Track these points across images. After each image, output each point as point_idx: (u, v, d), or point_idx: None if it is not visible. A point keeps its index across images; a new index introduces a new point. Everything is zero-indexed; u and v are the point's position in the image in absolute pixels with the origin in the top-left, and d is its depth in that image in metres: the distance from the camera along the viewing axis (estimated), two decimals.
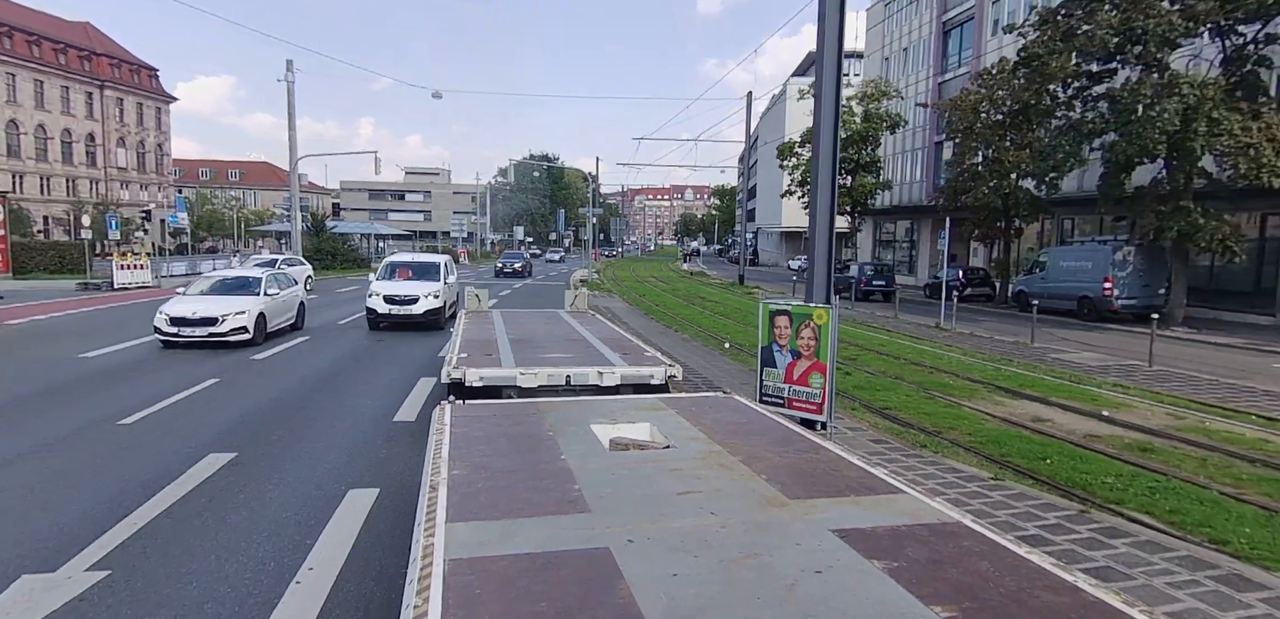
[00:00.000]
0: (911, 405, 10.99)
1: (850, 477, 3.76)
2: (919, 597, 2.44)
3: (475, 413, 5.10)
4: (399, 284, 19.19)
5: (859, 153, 45.50)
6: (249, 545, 5.62)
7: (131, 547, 5.56)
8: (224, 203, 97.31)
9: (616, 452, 4.36)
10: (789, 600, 2.44)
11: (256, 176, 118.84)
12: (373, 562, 5.38)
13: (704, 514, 3.20)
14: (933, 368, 14.52)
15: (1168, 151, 20.39)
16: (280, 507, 6.46)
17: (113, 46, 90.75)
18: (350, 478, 7.30)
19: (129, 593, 4.83)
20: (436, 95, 48.35)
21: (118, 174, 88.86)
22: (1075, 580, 2.59)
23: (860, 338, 19.22)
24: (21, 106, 77.06)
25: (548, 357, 8.05)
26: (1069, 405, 11.17)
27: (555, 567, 2.65)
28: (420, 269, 20.34)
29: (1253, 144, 18.42)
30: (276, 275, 18.33)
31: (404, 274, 20.05)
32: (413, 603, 2.36)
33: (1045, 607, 2.40)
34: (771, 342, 8.80)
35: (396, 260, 21.67)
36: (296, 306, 18.84)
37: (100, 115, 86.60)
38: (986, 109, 29.26)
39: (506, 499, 3.36)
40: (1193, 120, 19.22)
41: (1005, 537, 2.98)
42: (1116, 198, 23.05)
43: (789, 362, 8.65)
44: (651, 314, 25.32)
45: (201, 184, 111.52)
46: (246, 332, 15.48)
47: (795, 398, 8.62)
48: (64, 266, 40.16)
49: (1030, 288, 27.56)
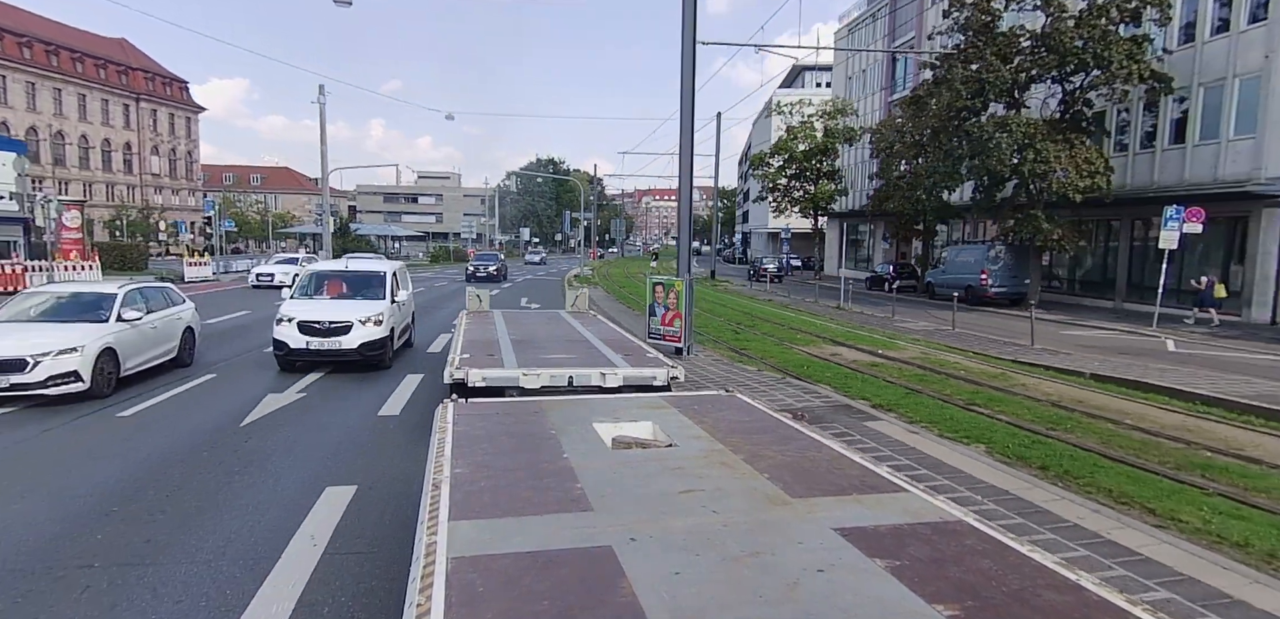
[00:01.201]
0: (758, 346, 17.36)
1: (852, 475, 3.77)
2: (922, 595, 2.46)
3: (477, 411, 5.11)
4: (324, 304, 13.68)
5: (820, 163, 51.68)
6: None
7: None
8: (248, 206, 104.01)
9: (619, 450, 4.37)
10: (791, 599, 2.44)
11: (277, 181, 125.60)
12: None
13: (706, 513, 3.21)
14: (797, 328, 20.89)
15: (1013, 172, 26.63)
16: None
17: (147, 61, 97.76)
18: None
19: None
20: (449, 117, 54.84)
21: (152, 180, 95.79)
22: (1078, 579, 2.60)
23: (770, 314, 25.52)
24: (67, 118, 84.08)
25: (550, 357, 8.01)
26: (860, 348, 17.50)
27: (557, 565, 2.65)
28: (357, 282, 14.63)
29: (1056, 170, 24.68)
30: (144, 291, 13.10)
31: (334, 288, 14.48)
32: (415, 601, 2.38)
33: (1048, 605, 2.40)
34: (654, 301, 15.22)
35: (323, 269, 15.56)
36: (179, 335, 13.38)
37: (136, 125, 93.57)
38: (903, 133, 35.52)
39: (509, 498, 3.36)
40: (1026, 149, 25.47)
41: (1008, 536, 3.03)
42: (986, 208, 29.33)
43: (663, 312, 15.07)
44: (620, 297, 31.61)
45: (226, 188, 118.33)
46: (77, 380, 10.32)
47: (667, 333, 15.03)
48: (127, 265, 46.76)
49: (935, 279, 34.11)
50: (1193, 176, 26.22)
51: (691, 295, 15.08)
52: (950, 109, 27.84)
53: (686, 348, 14.99)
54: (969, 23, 27.71)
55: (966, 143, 27.16)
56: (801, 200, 52.84)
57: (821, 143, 50.96)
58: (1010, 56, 27.12)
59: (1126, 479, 7.67)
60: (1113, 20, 25.00)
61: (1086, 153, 25.22)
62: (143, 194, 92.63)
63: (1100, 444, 9.14)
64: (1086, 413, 11.01)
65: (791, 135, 51.74)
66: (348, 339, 12.81)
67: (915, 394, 12.07)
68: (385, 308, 13.66)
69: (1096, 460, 8.32)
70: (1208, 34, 25.88)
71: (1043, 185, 25.53)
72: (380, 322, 13.28)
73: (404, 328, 15.39)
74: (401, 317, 15.00)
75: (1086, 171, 24.78)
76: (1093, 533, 6.09)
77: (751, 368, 14.61)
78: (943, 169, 29.01)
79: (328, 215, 50.91)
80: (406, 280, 16.45)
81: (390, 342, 13.68)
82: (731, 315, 24.77)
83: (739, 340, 18.44)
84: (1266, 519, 6.59)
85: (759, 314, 25.31)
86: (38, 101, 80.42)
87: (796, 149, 51.28)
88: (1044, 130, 25.69)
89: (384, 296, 14.09)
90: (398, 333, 14.58)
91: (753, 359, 15.69)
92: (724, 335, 19.39)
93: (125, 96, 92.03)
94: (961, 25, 28.09)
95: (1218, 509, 6.79)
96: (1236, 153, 24.59)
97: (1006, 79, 26.01)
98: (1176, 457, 8.71)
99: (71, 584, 5.14)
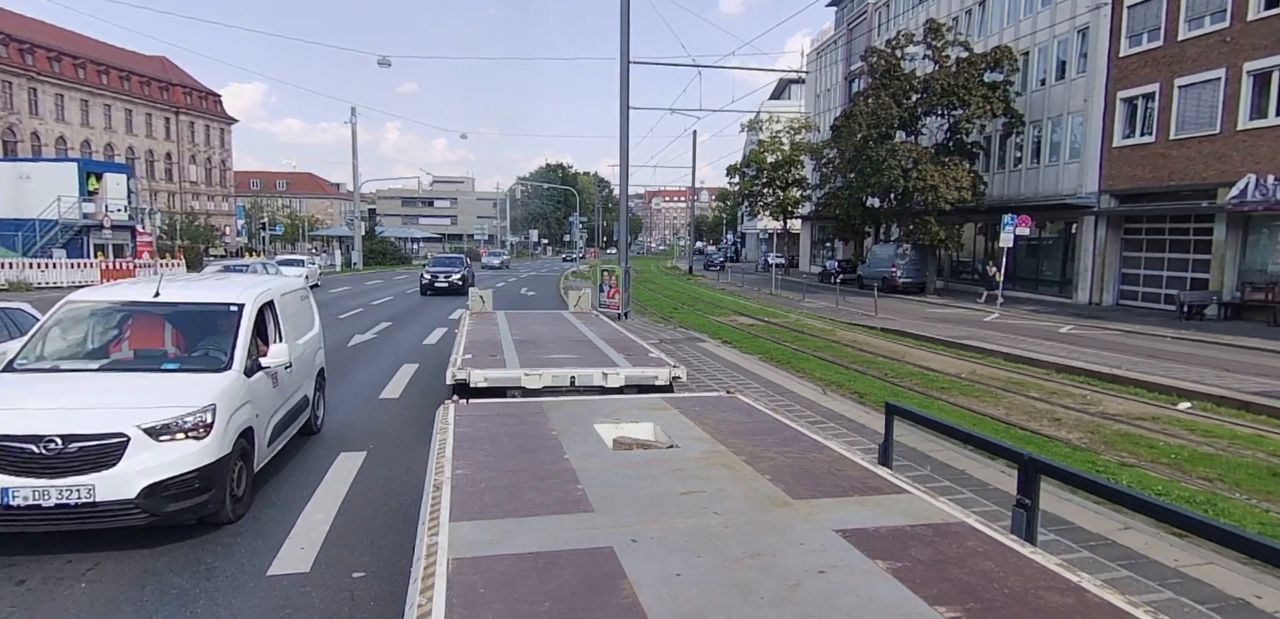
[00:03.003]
0: (682, 315, 24.89)
1: (854, 477, 3.79)
2: (923, 597, 2.47)
3: (479, 412, 5.12)
4: (66, 387, 5.96)
5: (788, 172, 59.01)
6: None
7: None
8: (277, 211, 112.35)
9: (620, 451, 4.40)
10: (792, 600, 2.45)
11: (300, 186, 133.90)
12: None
13: (707, 514, 3.22)
14: (722, 306, 28.40)
15: (903, 188, 33.98)
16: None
17: (185, 77, 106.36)
18: None
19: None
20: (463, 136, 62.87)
21: (190, 188, 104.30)
22: (1080, 581, 2.61)
23: (710, 297, 32.97)
24: (115, 132, 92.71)
25: (552, 357, 8.04)
26: (755, 317, 24.94)
27: (558, 566, 2.67)
28: (183, 323, 6.93)
29: (935, 185, 32.03)
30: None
31: (130, 343, 6.81)
32: (416, 602, 2.40)
33: (1049, 607, 2.42)
34: (603, 282, 22.82)
35: (80, 309, 6.89)
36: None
37: (175, 137, 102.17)
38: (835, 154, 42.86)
39: (510, 498, 3.37)
40: (910, 171, 32.84)
41: (1009, 537, 3.07)
42: (892, 215, 36.78)
43: (608, 290, 22.67)
44: None
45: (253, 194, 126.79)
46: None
47: (610, 304, 22.58)
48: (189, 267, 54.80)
49: (863, 272, 41.58)
50: (1041, 191, 33.50)
51: (629, 279, 22.64)
52: (859, 137, 35.28)
53: (624, 313, 22.51)
54: (875, 67, 35.16)
55: (869, 165, 34.60)
56: (772, 205, 60.24)
57: (788, 155, 58.31)
58: (907, 95, 34.50)
59: (833, 369, 15.05)
60: (978, 69, 32.37)
61: (956, 172, 32.55)
62: (181, 200, 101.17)
63: (834, 357, 16.60)
64: (848, 345, 18.49)
65: (762, 148, 59.16)
66: (104, 479, 5.21)
67: (752, 337, 19.59)
68: (227, 387, 6.09)
69: (828, 366, 15.60)
70: (1053, 80, 33.21)
71: (924, 198, 32.90)
72: (199, 429, 5.61)
73: (293, 410, 7.78)
74: (280, 393, 7.34)
75: (955, 187, 32.12)
76: (808, 400, 13.57)
77: (666, 325, 22.16)
78: (856, 184, 36.51)
79: (358, 220, 59.03)
80: (308, 311, 9.21)
81: (226, 473, 5.83)
82: (680, 298, 32.34)
83: (672, 312, 25.98)
84: (911, 394, 14.07)
85: (701, 297, 32.87)
86: (91, 117, 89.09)
87: (766, 160, 58.68)
88: (930, 154, 33.08)
89: (227, 360, 6.41)
90: (271, 429, 6.97)
91: (671, 321, 23.20)
92: (664, 309, 26.97)
93: (166, 111, 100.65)
94: (872, 68, 35.52)
95: (883, 384, 14.26)
96: (1069, 172, 31.85)
97: (896, 114, 33.44)
98: (878, 365, 16.13)
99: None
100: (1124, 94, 28.77)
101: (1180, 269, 27.37)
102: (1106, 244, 30.04)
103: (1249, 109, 24.06)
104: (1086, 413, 11.28)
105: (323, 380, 9.28)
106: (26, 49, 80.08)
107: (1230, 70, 24.49)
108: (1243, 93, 24.13)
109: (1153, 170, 27.57)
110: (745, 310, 27.36)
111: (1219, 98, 24.90)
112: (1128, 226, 29.80)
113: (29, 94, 78.80)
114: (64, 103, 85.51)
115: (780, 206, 59.72)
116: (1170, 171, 26.79)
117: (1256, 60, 23.70)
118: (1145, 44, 27.93)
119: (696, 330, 20.91)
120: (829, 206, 44.55)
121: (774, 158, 58.44)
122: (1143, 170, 28.05)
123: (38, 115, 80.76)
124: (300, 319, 8.64)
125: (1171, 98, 26.66)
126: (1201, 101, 25.64)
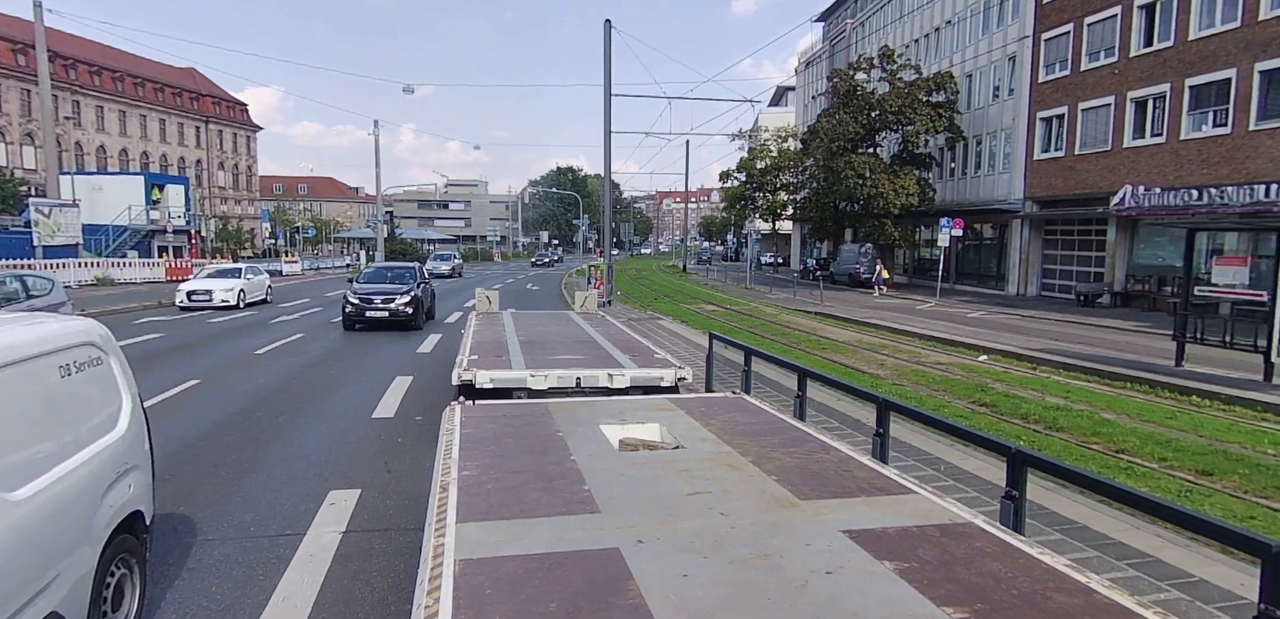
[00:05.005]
0: (660, 304, 29.78)
1: (861, 477, 3.80)
2: (930, 598, 2.47)
3: (485, 413, 5.16)
4: None
5: (775, 178, 63.72)
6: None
7: None
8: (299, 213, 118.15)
9: (626, 452, 4.41)
10: (799, 601, 2.45)
11: (320, 189, 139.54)
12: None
13: (714, 515, 3.23)
14: (697, 296, 33.31)
15: (860, 195, 38.72)
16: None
17: (213, 87, 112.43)
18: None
19: None
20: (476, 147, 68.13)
21: (218, 192, 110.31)
22: (1088, 582, 2.61)
23: (690, 289, 37.85)
24: (150, 141, 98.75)
25: (558, 358, 8.11)
26: (721, 305, 29.79)
27: (565, 567, 2.68)
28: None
29: (884, 193, 36.80)
30: None
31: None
32: (423, 603, 2.41)
33: (1058, 608, 2.42)
34: (590, 274, 27.86)
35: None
36: None
37: (205, 145, 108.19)
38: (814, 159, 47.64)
39: (516, 500, 3.39)
40: (864, 179, 37.61)
41: (1018, 538, 3.10)
42: (855, 218, 41.57)
43: (594, 281, 27.70)
44: None
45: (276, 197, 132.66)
46: None
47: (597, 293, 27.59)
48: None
49: (834, 270, 46.41)
50: (981, 197, 38.22)
51: (611, 271, 27.64)
52: (822, 149, 40.14)
53: (608, 301, 27.48)
54: (837, 88, 40.01)
55: (830, 174, 39.44)
56: (762, 208, 65.01)
57: (776, 161, 63.06)
58: (864, 111, 39.30)
59: (752, 337, 19.93)
60: (923, 91, 37.16)
61: (905, 180, 37.30)
62: (211, 205, 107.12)
63: (757, 328, 21.42)
64: (780, 323, 23.34)
65: (752, 155, 63.97)
66: None
67: (704, 318, 24.50)
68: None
69: (756, 338, 20.46)
70: (990, 100, 37.95)
71: (877, 204, 37.72)
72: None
73: None
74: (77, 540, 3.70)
75: (903, 194, 36.88)
76: (762, 373, 18.47)
77: (640, 310, 27.09)
78: (824, 191, 41.37)
79: (380, 224, 64.44)
80: (122, 376, 4.70)
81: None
82: (663, 290, 37.29)
83: (652, 301, 30.92)
84: (775, 344, 18.94)
85: (683, 289, 37.81)
86: (128, 126, 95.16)
87: (754, 166, 63.46)
88: (885, 165, 37.87)
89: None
90: None
91: (648, 309, 28.11)
92: (645, 298, 31.91)
93: (196, 120, 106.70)
94: (835, 89, 40.35)
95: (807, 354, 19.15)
96: (1001, 181, 36.54)
97: (855, 130, 38.27)
98: (786, 335, 20.95)
99: None
100: (1042, 114, 33.49)
101: (1085, 264, 32.09)
102: (1030, 243, 34.76)
103: (1132, 129, 28.77)
104: (909, 363, 16.09)
105: (143, 541, 4.64)
106: (70, 64, 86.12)
107: (1118, 97, 29.22)
108: (1126, 117, 28.85)
109: (1064, 180, 32.28)
110: (714, 300, 32.23)
111: (1110, 120, 29.62)
112: (1047, 228, 34.51)
113: (72, 106, 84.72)
114: (104, 113, 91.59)
115: (769, 209, 64.47)
116: (1076, 181, 31.49)
117: (1137, 89, 28.40)
118: (1058, 72, 32.65)
119: (662, 314, 25.80)
120: (805, 210, 49.36)
121: (763, 164, 63.19)
122: (1056, 180, 32.75)
123: (81, 127, 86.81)
124: (44, 423, 3.78)
125: (1077, 118, 31.38)
126: (1097, 122, 30.36)
